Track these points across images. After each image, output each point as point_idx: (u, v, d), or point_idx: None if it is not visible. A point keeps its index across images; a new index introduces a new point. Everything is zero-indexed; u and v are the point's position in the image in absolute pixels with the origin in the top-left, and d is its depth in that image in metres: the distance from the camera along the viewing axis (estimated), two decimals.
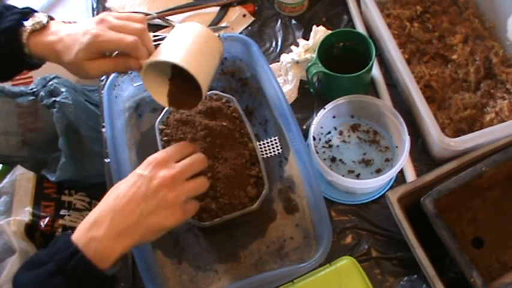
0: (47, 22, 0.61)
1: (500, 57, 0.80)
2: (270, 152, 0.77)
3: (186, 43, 0.60)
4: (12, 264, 0.87)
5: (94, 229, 0.52)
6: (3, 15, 0.61)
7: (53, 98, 0.97)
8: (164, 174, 0.55)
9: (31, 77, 1.10)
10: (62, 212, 0.98)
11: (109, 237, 0.51)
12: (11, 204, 0.95)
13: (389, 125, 0.76)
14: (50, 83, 0.99)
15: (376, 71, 0.84)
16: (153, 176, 0.54)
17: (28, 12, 0.61)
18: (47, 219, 0.95)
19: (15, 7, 0.63)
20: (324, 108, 0.75)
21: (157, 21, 0.95)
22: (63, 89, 0.98)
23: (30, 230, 0.93)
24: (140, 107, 0.83)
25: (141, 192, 0.53)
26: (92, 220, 0.53)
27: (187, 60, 0.58)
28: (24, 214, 0.94)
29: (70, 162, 0.97)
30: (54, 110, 0.96)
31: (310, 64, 0.77)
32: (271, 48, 0.91)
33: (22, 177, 0.98)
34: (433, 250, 0.63)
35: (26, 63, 0.63)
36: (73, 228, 0.98)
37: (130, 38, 0.57)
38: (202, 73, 0.60)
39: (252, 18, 0.95)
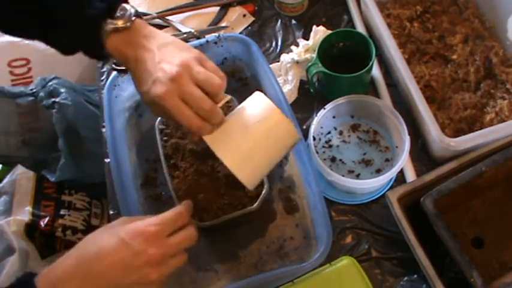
0: (131, 23, 0.57)
1: (500, 57, 0.80)
2: None
3: (261, 151, 0.56)
4: (12, 263, 0.87)
5: (64, 285, 0.48)
6: None
7: (53, 99, 0.97)
8: (153, 252, 0.50)
9: (31, 77, 1.10)
10: (62, 212, 0.98)
11: None
12: (11, 204, 0.95)
13: (389, 125, 0.76)
14: (50, 83, 0.99)
15: (376, 71, 0.84)
16: (140, 252, 0.50)
17: (115, 2, 0.57)
18: (46, 219, 0.95)
19: None
20: (324, 108, 0.75)
21: (158, 21, 0.95)
22: (62, 90, 0.98)
23: (30, 230, 0.94)
24: (140, 107, 0.83)
25: (123, 263, 0.49)
26: (62, 272, 0.49)
27: (253, 178, 0.57)
28: (24, 214, 0.95)
29: (70, 162, 0.97)
30: (54, 110, 0.96)
31: (310, 64, 0.77)
32: (271, 48, 0.91)
33: (22, 176, 0.98)
34: (433, 250, 0.63)
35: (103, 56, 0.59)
36: (73, 228, 0.99)
37: (196, 122, 0.54)
38: (258, 179, 0.59)
39: (252, 18, 0.95)
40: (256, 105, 0.58)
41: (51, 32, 0.59)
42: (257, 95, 0.59)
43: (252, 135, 0.56)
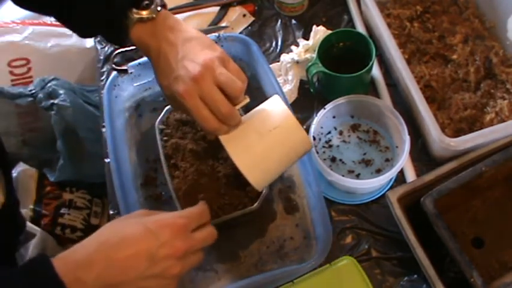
0: (157, 14, 0.58)
1: (500, 57, 0.80)
2: None
3: (274, 156, 0.57)
4: (35, 245, 0.88)
5: (83, 270, 0.46)
6: None
7: (51, 101, 0.97)
8: (179, 245, 0.49)
9: (31, 77, 1.10)
10: (62, 211, 0.99)
11: (97, 286, 0.46)
12: None
13: (389, 125, 0.76)
14: (49, 84, 0.99)
15: (376, 71, 0.84)
16: (167, 243, 0.49)
17: None
18: (47, 219, 0.96)
19: None
20: (324, 108, 0.75)
21: None
22: (61, 91, 0.98)
23: (33, 223, 0.94)
24: (140, 107, 0.83)
25: (149, 252, 0.48)
26: (82, 257, 0.47)
27: (262, 181, 0.57)
28: (26, 211, 0.95)
29: (68, 163, 0.98)
30: (53, 112, 0.96)
31: (310, 64, 0.77)
32: (271, 48, 0.91)
33: (24, 174, 0.99)
34: (433, 250, 0.63)
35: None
36: (72, 227, 0.99)
37: (213, 123, 0.55)
38: (267, 183, 0.60)
39: (252, 18, 0.95)
40: (274, 110, 0.58)
41: (72, 13, 0.59)
42: (275, 99, 0.60)
43: (267, 140, 0.57)
